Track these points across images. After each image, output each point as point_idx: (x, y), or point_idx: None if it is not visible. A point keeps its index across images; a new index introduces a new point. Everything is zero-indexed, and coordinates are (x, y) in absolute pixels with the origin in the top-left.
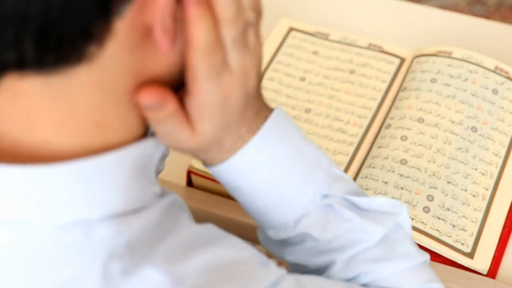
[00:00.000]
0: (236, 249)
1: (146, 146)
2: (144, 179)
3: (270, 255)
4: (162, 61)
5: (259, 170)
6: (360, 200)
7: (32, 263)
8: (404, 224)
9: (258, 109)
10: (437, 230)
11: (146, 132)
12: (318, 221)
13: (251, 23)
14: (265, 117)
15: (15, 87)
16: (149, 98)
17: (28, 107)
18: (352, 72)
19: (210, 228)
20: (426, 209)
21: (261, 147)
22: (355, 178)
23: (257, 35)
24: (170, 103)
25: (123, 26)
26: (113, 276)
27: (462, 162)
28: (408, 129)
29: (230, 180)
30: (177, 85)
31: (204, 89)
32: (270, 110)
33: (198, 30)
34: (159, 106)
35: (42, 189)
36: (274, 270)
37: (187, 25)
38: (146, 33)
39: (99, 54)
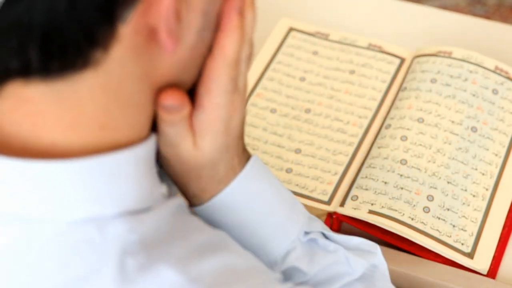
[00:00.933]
0: (248, 258)
1: (152, 144)
2: (152, 178)
3: None
4: (167, 62)
5: (250, 204)
6: (338, 238)
7: (44, 257)
8: (379, 265)
9: (244, 146)
10: (437, 230)
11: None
12: (305, 255)
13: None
14: (248, 156)
15: (20, 93)
16: (171, 99)
17: (34, 112)
18: (352, 72)
19: (223, 235)
20: (426, 209)
21: (250, 181)
22: (355, 178)
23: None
24: (187, 107)
25: (127, 30)
26: (130, 271)
27: (462, 162)
28: (408, 129)
29: (220, 216)
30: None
31: (216, 103)
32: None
33: (231, 41)
34: (177, 108)
35: (53, 184)
36: (283, 280)
37: (219, 34)
38: (150, 35)
39: (104, 59)
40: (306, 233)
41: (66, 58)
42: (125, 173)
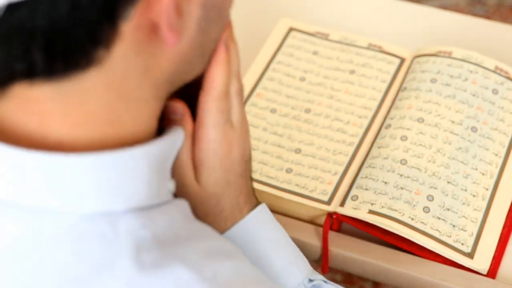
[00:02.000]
0: (256, 269)
1: (169, 141)
2: (162, 174)
3: None
4: (169, 55)
5: (256, 244)
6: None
7: (55, 250)
8: None
9: (251, 189)
10: (437, 230)
11: (156, 128)
12: None
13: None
14: (256, 201)
15: (26, 94)
16: (178, 106)
17: (40, 112)
18: (352, 72)
19: (232, 245)
20: (426, 209)
21: (258, 223)
22: (355, 178)
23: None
24: (189, 122)
25: (129, 28)
26: (146, 266)
27: (462, 162)
28: (408, 129)
29: None
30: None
31: (209, 135)
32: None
33: (219, 74)
34: (180, 112)
35: (66, 177)
36: None
37: (208, 68)
38: (151, 30)
39: (107, 57)
40: (310, 280)
41: (70, 59)
42: (138, 170)
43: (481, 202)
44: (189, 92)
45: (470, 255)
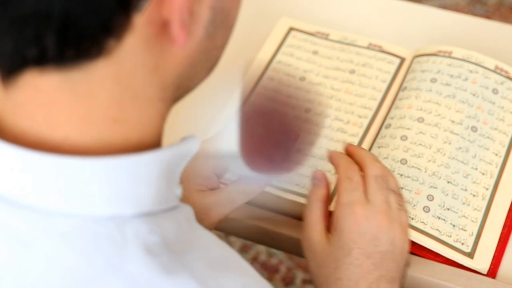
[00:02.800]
0: (265, 284)
1: (181, 149)
2: (171, 180)
3: None
4: (177, 56)
5: None
6: None
7: (61, 251)
8: None
9: None
10: (437, 230)
11: (162, 130)
12: None
13: (395, 192)
14: None
15: (35, 83)
16: (318, 173)
17: (48, 103)
18: (352, 72)
19: (239, 257)
20: (426, 209)
21: None
22: None
23: (402, 206)
24: (324, 187)
25: (141, 21)
26: (154, 270)
27: (462, 162)
28: (408, 128)
29: None
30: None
31: (341, 199)
32: None
33: (337, 158)
34: (320, 179)
35: (73, 180)
36: None
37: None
38: (163, 27)
39: (118, 48)
40: None
41: (81, 46)
42: (147, 175)
43: (481, 202)
44: None
45: (470, 255)
